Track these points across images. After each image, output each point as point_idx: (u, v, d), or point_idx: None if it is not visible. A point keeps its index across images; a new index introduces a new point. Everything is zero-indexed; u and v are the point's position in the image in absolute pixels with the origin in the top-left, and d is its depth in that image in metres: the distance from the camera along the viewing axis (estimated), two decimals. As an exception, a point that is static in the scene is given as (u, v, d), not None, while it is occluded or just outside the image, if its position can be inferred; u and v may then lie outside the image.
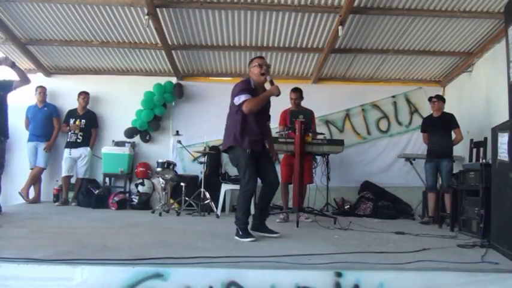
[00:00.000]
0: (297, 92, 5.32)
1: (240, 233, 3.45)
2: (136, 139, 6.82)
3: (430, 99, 5.63)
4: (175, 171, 5.86)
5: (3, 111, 4.82)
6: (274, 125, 5.41)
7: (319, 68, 6.48)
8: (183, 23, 5.54)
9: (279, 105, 5.26)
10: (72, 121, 6.40)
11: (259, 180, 3.68)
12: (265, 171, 3.65)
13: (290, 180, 5.15)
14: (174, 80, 6.85)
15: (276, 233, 3.66)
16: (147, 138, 6.81)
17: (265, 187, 3.71)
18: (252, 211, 3.95)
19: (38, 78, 6.81)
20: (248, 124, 3.57)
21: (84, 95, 6.53)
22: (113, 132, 6.78)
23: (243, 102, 3.48)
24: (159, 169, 5.60)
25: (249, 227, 3.58)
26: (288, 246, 3.26)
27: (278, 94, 3.51)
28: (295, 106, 5.29)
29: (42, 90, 6.47)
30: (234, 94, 3.58)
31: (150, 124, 6.66)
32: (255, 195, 4.07)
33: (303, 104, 5.41)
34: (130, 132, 6.72)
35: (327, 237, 3.76)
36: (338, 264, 2.51)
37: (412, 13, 5.14)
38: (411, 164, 6.31)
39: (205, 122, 6.70)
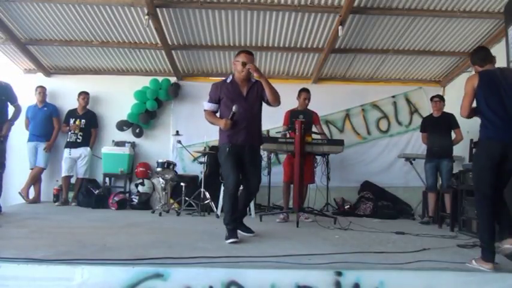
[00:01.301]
0: (306, 93, 5.30)
1: (226, 233, 3.39)
2: (129, 134, 6.78)
3: (432, 98, 5.62)
4: (175, 171, 5.85)
5: (4, 113, 4.83)
6: (278, 124, 5.45)
7: (319, 68, 6.48)
8: (183, 23, 5.54)
9: (284, 106, 5.25)
10: (72, 121, 6.39)
11: None
12: (247, 174, 3.56)
13: (293, 180, 5.15)
14: (174, 79, 6.85)
15: (252, 232, 3.59)
16: (137, 131, 6.77)
17: (243, 190, 3.64)
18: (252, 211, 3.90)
19: (38, 78, 6.83)
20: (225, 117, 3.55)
21: (84, 95, 6.53)
22: (113, 132, 6.78)
23: (204, 110, 3.70)
24: (159, 169, 5.60)
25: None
26: (288, 246, 3.26)
27: (223, 127, 3.52)
28: (305, 106, 5.27)
29: (42, 90, 6.47)
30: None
31: (140, 117, 6.60)
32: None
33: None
34: (121, 125, 6.72)
35: (327, 237, 3.76)
36: (338, 264, 2.52)
37: (412, 13, 5.14)
38: (411, 164, 6.31)
39: (205, 122, 6.59)
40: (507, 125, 2.88)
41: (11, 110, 4.99)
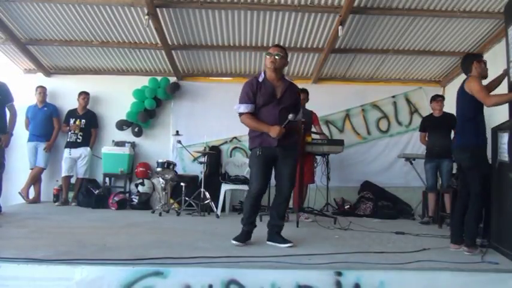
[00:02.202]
0: (304, 93, 5.30)
1: (239, 233, 3.31)
2: (128, 133, 6.78)
3: (435, 97, 5.60)
4: (175, 171, 5.86)
5: (2, 112, 4.79)
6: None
7: (319, 68, 6.48)
8: (183, 23, 5.54)
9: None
10: (72, 121, 6.39)
11: None
12: (278, 177, 3.36)
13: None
14: (174, 79, 6.84)
15: (287, 242, 3.23)
16: (136, 130, 6.75)
17: (276, 194, 3.41)
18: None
19: (38, 78, 6.83)
20: (260, 119, 3.28)
21: (84, 95, 6.52)
22: (113, 132, 6.78)
23: (241, 114, 3.31)
24: (159, 169, 5.60)
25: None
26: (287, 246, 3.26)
27: (274, 136, 3.17)
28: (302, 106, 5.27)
29: (42, 90, 6.47)
30: (239, 97, 3.36)
31: (139, 116, 6.59)
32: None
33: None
34: (120, 124, 6.72)
35: (327, 237, 3.77)
36: (338, 264, 2.52)
37: (412, 13, 5.14)
38: (411, 164, 6.30)
39: (205, 122, 6.72)
40: (456, 134, 3.49)
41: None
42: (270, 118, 3.26)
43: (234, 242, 3.21)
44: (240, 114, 3.33)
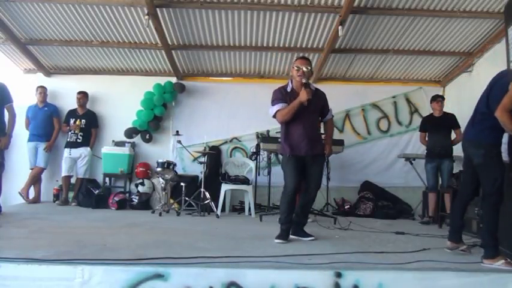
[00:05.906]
0: None
1: (279, 232, 3.51)
2: (137, 139, 6.80)
3: (435, 97, 5.60)
4: (175, 171, 5.86)
5: (0, 114, 4.73)
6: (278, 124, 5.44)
7: (319, 68, 6.47)
8: (183, 23, 5.54)
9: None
10: (72, 121, 6.39)
11: None
12: (308, 179, 3.62)
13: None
14: (174, 80, 6.85)
15: (310, 236, 3.61)
16: (147, 137, 6.79)
17: (302, 195, 3.70)
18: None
19: (38, 78, 6.83)
20: (290, 129, 3.59)
21: (81, 95, 6.48)
22: (113, 132, 6.77)
23: (276, 113, 3.57)
24: (159, 169, 5.60)
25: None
26: (288, 246, 3.27)
27: (305, 100, 3.44)
28: None
29: (42, 90, 6.46)
30: (271, 105, 3.64)
31: (150, 124, 6.65)
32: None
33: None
34: (130, 132, 6.72)
35: (327, 237, 3.77)
36: (338, 264, 2.52)
37: (412, 13, 5.14)
38: (411, 164, 6.30)
39: (205, 122, 6.73)
40: (470, 126, 3.13)
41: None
42: (298, 124, 3.54)
43: (277, 240, 3.42)
44: (275, 115, 3.59)
